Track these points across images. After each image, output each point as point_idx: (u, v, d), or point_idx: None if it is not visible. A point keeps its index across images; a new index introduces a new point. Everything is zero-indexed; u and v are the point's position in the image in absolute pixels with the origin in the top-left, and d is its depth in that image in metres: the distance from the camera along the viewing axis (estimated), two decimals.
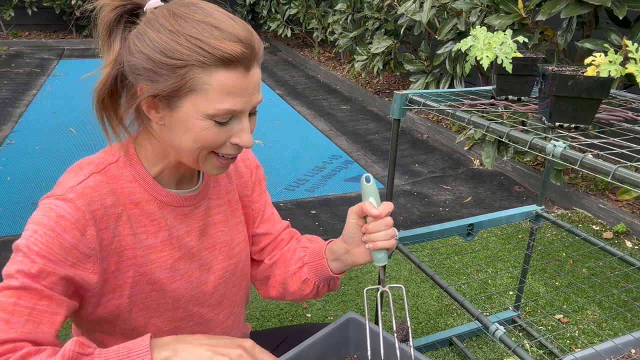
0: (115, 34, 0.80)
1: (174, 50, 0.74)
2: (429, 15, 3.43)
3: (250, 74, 0.78)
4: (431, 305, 2.13)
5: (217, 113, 0.77)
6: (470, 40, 1.22)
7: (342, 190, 3.24)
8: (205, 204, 0.97)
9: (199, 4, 0.78)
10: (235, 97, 0.77)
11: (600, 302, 2.16)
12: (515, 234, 2.74)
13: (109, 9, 0.79)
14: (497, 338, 1.10)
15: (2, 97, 4.90)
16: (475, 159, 3.80)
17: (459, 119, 1.14)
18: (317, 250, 1.03)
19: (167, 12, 0.77)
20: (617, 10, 2.27)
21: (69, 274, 0.79)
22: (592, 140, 0.99)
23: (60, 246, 0.77)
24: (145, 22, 0.78)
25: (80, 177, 0.83)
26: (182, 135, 0.80)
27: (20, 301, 0.75)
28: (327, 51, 7.41)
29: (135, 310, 0.92)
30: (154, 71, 0.76)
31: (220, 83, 0.75)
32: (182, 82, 0.75)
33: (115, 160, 0.87)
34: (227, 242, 1.01)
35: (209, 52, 0.73)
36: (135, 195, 0.87)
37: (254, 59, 0.78)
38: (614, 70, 0.99)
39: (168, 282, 0.92)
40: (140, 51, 0.76)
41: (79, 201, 0.80)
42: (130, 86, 0.81)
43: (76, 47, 7.61)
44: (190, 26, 0.74)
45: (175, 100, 0.77)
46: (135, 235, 0.87)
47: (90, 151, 0.89)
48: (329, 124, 4.59)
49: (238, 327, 1.12)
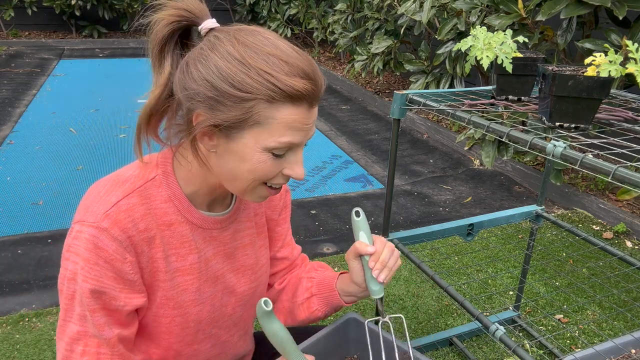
0: (167, 50, 0.78)
1: (243, 82, 0.71)
2: (429, 15, 3.43)
3: (313, 110, 0.77)
4: (431, 305, 2.13)
5: (278, 146, 0.75)
6: (470, 40, 1.22)
7: (342, 190, 3.24)
8: (233, 227, 0.95)
9: (263, 33, 0.75)
10: (297, 131, 0.76)
11: (600, 302, 2.16)
12: (515, 234, 2.74)
13: (164, 24, 0.76)
14: (497, 338, 1.10)
15: (2, 97, 4.90)
16: (475, 159, 3.80)
17: (459, 119, 1.14)
18: (325, 283, 1.03)
19: (234, 39, 0.73)
20: (617, 10, 2.27)
21: (124, 303, 0.82)
22: (592, 140, 0.98)
23: (107, 277, 0.79)
24: (209, 46, 0.74)
25: (114, 199, 0.80)
26: (236, 165, 0.78)
27: (102, 350, 0.81)
28: (327, 51, 7.41)
29: (157, 332, 0.90)
30: (217, 100, 0.73)
31: (285, 118, 0.74)
32: (247, 115, 0.73)
33: (152, 178, 0.84)
34: (251, 265, 1.00)
35: (279, 87, 0.71)
36: (168, 217, 0.85)
37: (318, 95, 0.77)
38: (614, 70, 0.98)
39: (192, 305, 0.90)
40: (204, 78, 0.73)
41: (114, 230, 0.78)
42: (180, 106, 0.78)
43: (76, 47, 7.61)
44: (261, 59, 0.72)
45: (235, 132, 0.75)
46: (167, 258, 0.86)
47: (90, 151, 0.89)
48: (329, 124, 4.59)
49: (248, 345, 1.12)
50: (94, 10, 7.63)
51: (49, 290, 2.15)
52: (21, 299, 2.09)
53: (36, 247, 2.45)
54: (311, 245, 2.58)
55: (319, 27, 6.31)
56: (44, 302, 2.08)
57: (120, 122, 4.35)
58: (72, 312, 0.80)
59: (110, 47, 7.75)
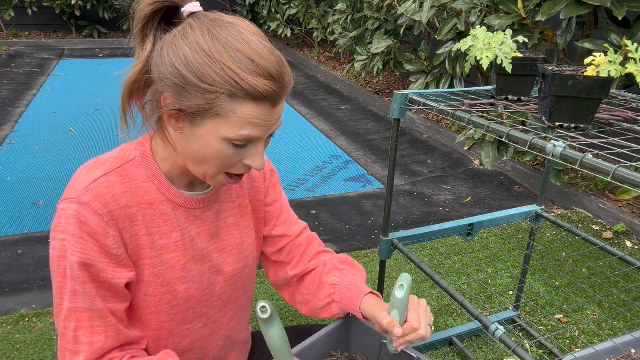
0: (150, 29, 0.80)
1: (207, 75, 0.73)
2: (429, 15, 3.43)
3: (276, 109, 0.79)
4: (431, 305, 2.13)
5: (237, 138, 0.78)
6: (470, 40, 1.22)
7: (342, 190, 3.24)
8: (216, 207, 0.97)
9: (237, 26, 0.77)
10: (257, 127, 0.78)
11: (600, 302, 2.16)
12: (515, 234, 2.74)
13: (147, 3, 0.79)
14: (497, 338, 1.10)
15: (2, 97, 4.90)
16: (475, 159, 3.80)
17: (459, 119, 1.14)
18: (348, 295, 1.03)
19: (206, 31, 0.75)
20: (616, 10, 2.27)
21: (112, 275, 0.84)
22: (592, 140, 0.98)
23: (93, 250, 0.81)
24: (182, 33, 0.76)
25: (93, 176, 0.83)
26: (197, 150, 0.81)
27: (94, 323, 0.84)
28: (327, 51, 7.41)
29: (147, 313, 0.92)
30: (183, 87, 0.75)
31: (246, 114, 0.76)
32: (209, 106, 0.75)
33: (131, 159, 0.87)
34: (237, 245, 1.02)
35: (241, 85, 0.73)
36: (149, 195, 0.87)
37: (282, 96, 0.78)
38: (614, 70, 0.99)
39: (180, 282, 0.92)
40: (173, 64, 0.75)
41: (95, 204, 0.80)
42: (154, 84, 0.81)
43: (76, 47, 7.61)
44: (228, 55, 0.73)
45: (198, 119, 0.77)
46: (150, 236, 0.88)
47: (90, 151, 0.90)
48: (329, 124, 4.59)
49: (241, 330, 1.13)
50: (94, 10, 7.63)
51: (49, 290, 2.15)
52: (21, 299, 2.09)
53: (36, 247, 2.45)
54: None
55: (319, 27, 6.31)
56: (44, 302, 2.08)
57: None
58: (65, 289, 0.82)
59: (110, 47, 7.74)
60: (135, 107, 0.85)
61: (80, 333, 0.82)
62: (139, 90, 0.83)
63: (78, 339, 0.82)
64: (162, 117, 0.81)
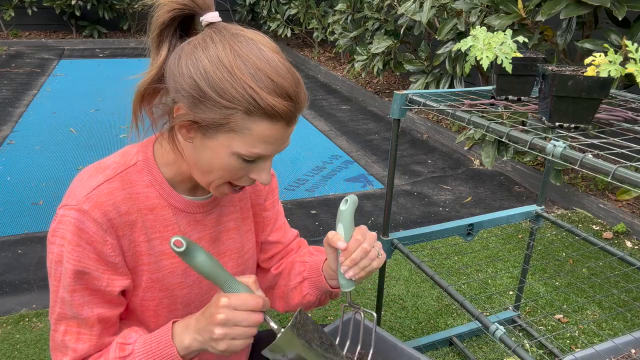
0: (166, 35, 0.80)
1: (227, 90, 0.73)
2: (428, 15, 3.43)
3: (290, 128, 0.79)
4: (431, 305, 2.13)
5: (248, 154, 0.78)
6: (470, 40, 1.22)
7: (342, 190, 3.24)
8: (217, 211, 0.97)
9: (258, 42, 0.76)
10: (269, 145, 0.78)
11: (600, 302, 2.16)
12: (515, 234, 2.74)
13: (165, 10, 0.78)
14: (497, 338, 1.10)
15: (2, 97, 4.90)
16: (475, 159, 3.80)
17: (459, 119, 1.14)
18: (315, 267, 1.03)
19: (228, 45, 0.74)
20: (616, 10, 2.27)
21: (107, 283, 0.84)
22: (592, 140, 0.99)
23: (89, 258, 0.82)
24: (202, 45, 0.75)
25: (94, 183, 0.83)
26: (206, 161, 0.80)
27: (81, 330, 0.85)
28: (327, 51, 7.41)
29: (146, 315, 0.92)
30: (200, 100, 0.74)
31: (260, 132, 0.76)
32: (224, 121, 0.75)
33: (133, 164, 0.87)
34: (237, 249, 1.01)
35: (259, 104, 0.73)
36: (150, 201, 0.87)
37: (297, 116, 0.79)
38: (614, 70, 0.99)
39: (179, 287, 0.93)
40: (191, 76, 0.74)
41: (94, 212, 0.81)
42: (167, 92, 0.81)
43: (76, 47, 7.61)
44: (248, 72, 0.73)
45: (211, 132, 0.77)
46: (150, 242, 0.88)
47: (90, 151, 0.90)
48: (329, 124, 4.59)
49: None
50: (94, 10, 7.63)
51: (49, 290, 2.15)
52: (21, 299, 2.09)
53: (36, 247, 2.45)
54: (311, 245, 2.58)
55: (319, 27, 6.31)
56: (44, 302, 2.08)
57: (121, 122, 4.35)
58: (58, 293, 0.85)
59: (110, 47, 7.75)
60: (144, 110, 0.85)
61: (68, 338, 0.85)
62: (149, 95, 0.83)
63: (65, 342, 0.85)
64: (173, 126, 0.81)
